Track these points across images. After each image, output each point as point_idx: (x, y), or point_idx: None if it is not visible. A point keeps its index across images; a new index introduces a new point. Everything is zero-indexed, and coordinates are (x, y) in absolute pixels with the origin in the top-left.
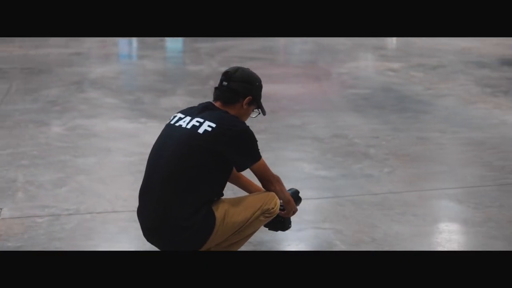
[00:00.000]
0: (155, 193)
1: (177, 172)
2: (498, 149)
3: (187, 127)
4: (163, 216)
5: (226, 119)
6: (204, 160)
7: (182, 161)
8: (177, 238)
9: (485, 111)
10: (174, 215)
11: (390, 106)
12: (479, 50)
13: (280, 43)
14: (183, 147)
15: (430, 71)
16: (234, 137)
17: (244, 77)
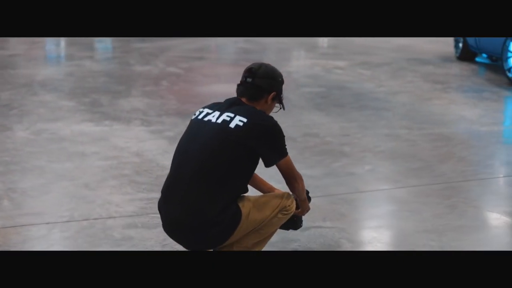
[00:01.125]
0: (183, 187)
1: (208, 166)
2: (467, 144)
3: (217, 121)
4: (191, 210)
5: (256, 114)
6: (235, 155)
7: (214, 156)
8: (203, 233)
9: (442, 107)
10: (204, 209)
11: (349, 104)
12: (417, 48)
13: (220, 42)
14: (215, 142)
15: (377, 68)
16: (265, 131)
17: (269, 73)
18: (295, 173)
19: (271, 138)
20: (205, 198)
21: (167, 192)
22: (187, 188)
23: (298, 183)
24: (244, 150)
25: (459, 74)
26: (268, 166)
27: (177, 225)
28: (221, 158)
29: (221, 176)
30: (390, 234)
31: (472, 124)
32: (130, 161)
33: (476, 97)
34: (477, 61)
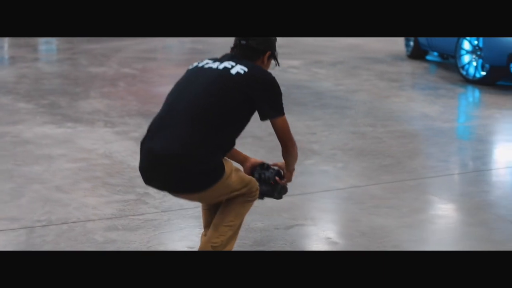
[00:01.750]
0: (175, 124)
1: (204, 108)
2: (432, 141)
3: (218, 67)
4: (180, 145)
5: (257, 67)
6: (233, 101)
7: (211, 98)
8: (185, 170)
9: (402, 105)
10: (193, 147)
11: (311, 103)
12: (366, 47)
13: (169, 43)
14: (214, 85)
15: (331, 67)
16: (265, 84)
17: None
18: (291, 136)
19: (270, 91)
20: (196, 137)
21: (155, 128)
22: (179, 125)
23: (294, 148)
24: (242, 98)
25: (412, 72)
26: (263, 120)
27: (160, 159)
28: (219, 102)
29: (215, 120)
30: (373, 230)
31: (434, 121)
32: (100, 163)
33: (433, 94)
34: (428, 59)
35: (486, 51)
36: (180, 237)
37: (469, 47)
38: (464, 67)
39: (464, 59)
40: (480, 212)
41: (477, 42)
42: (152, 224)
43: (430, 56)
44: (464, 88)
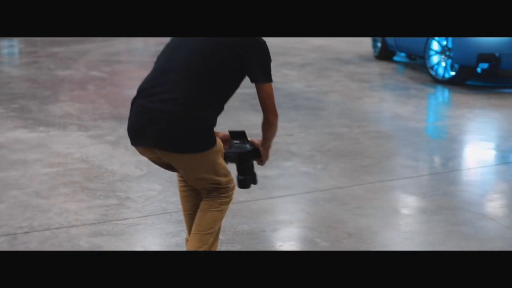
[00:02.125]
0: (170, 81)
1: (198, 66)
2: (408, 141)
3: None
4: (177, 102)
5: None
6: (226, 61)
7: (204, 58)
8: (180, 129)
9: (375, 105)
10: (190, 105)
11: (284, 104)
12: (333, 48)
13: (133, 46)
14: (206, 45)
15: (301, 68)
16: (258, 47)
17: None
18: (275, 105)
19: (261, 53)
20: (191, 97)
21: (148, 87)
22: (174, 84)
23: (276, 119)
24: (234, 57)
25: (381, 73)
26: (253, 82)
27: (155, 115)
28: (211, 62)
29: (208, 81)
30: (360, 231)
31: (408, 121)
32: (77, 168)
33: (404, 95)
34: (395, 60)
35: (456, 51)
36: (166, 241)
37: (438, 48)
38: (433, 67)
39: (433, 60)
40: (463, 211)
41: (446, 43)
42: (137, 229)
43: (397, 57)
44: (434, 88)
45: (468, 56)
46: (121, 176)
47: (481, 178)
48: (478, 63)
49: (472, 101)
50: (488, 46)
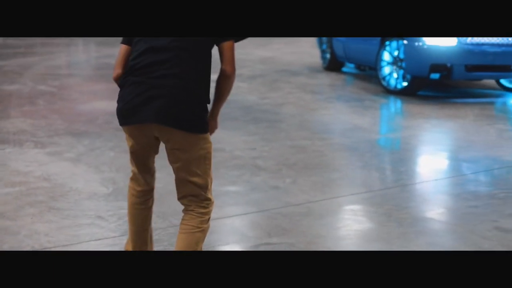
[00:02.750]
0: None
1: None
2: (373, 152)
3: None
4: (176, 76)
5: None
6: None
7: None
8: (182, 103)
9: (332, 117)
10: (189, 78)
11: (241, 117)
12: (280, 59)
13: (78, 59)
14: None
15: (252, 80)
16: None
17: None
18: (234, 60)
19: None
20: (189, 70)
21: (142, 65)
22: (169, 59)
23: (233, 71)
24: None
25: (332, 84)
26: (220, 42)
27: (152, 89)
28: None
29: (199, 55)
30: (340, 246)
31: (368, 133)
32: (40, 187)
33: (359, 106)
34: (344, 71)
35: (408, 62)
36: None
37: (390, 59)
38: (385, 78)
39: (384, 71)
40: (439, 223)
41: (397, 53)
42: (113, 250)
43: (346, 68)
44: (388, 99)
45: (420, 67)
46: (87, 195)
47: (453, 189)
48: (430, 73)
49: (427, 111)
50: (440, 57)
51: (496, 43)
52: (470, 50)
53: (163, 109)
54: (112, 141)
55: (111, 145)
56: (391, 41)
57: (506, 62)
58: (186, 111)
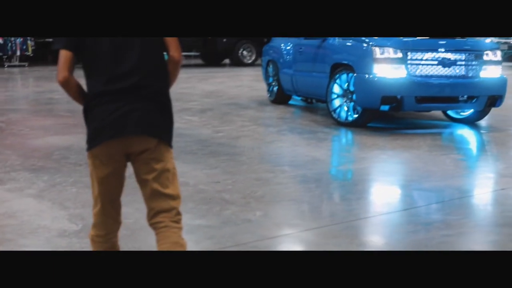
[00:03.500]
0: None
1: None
2: (336, 184)
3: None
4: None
5: None
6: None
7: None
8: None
9: (289, 149)
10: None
11: (199, 151)
12: (225, 93)
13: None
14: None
15: (202, 114)
16: None
17: None
18: (179, 47)
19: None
20: (157, 81)
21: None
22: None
23: (181, 58)
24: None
25: (282, 117)
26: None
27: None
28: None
29: (160, 66)
30: None
31: (328, 164)
32: (7, 224)
33: (313, 138)
34: (291, 104)
35: (359, 94)
36: None
37: (340, 91)
38: (335, 110)
39: (335, 103)
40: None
41: (347, 86)
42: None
43: (292, 101)
44: (340, 131)
45: (371, 99)
46: (57, 232)
47: (420, 218)
48: (381, 105)
49: (381, 143)
50: (391, 89)
51: (444, 75)
52: (420, 82)
53: (142, 120)
54: (72, 177)
55: (72, 180)
56: (341, 74)
57: (454, 94)
58: (161, 122)
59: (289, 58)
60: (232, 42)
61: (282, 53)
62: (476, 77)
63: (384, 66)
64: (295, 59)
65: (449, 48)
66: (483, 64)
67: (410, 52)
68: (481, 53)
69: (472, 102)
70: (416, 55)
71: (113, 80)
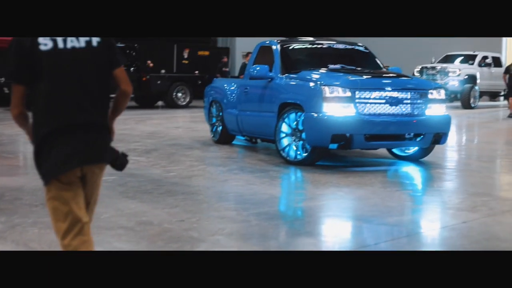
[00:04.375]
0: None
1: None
2: (302, 221)
3: (81, 45)
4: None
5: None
6: (104, 66)
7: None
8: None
9: (244, 188)
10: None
11: (155, 190)
12: (166, 134)
13: None
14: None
15: (149, 155)
16: (113, 42)
17: None
18: (128, 79)
19: (116, 47)
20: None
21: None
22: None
23: (131, 88)
24: (107, 61)
25: (229, 156)
26: (115, 68)
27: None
28: (99, 75)
29: (103, 89)
30: None
31: (290, 201)
32: None
33: (266, 177)
34: (235, 144)
35: (308, 132)
36: None
37: (288, 130)
38: (284, 149)
39: (283, 142)
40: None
41: (296, 125)
42: None
43: (235, 141)
44: (291, 169)
45: (321, 137)
46: None
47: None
48: (331, 143)
49: (334, 180)
50: (340, 127)
51: (391, 113)
52: (369, 120)
53: (98, 148)
54: (30, 218)
55: (31, 221)
56: (289, 113)
57: (401, 131)
58: (106, 146)
59: (234, 98)
60: (166, 84)
61: (226, 94)
62: (422, 115)
63: (334, 105)
64: (240, 99)
65: (395, 87)
66: (428, 103)
67: (358, 91)
68: (426, 92)
69: (418, 139)
70: (364, 94)
71: (68, 113)
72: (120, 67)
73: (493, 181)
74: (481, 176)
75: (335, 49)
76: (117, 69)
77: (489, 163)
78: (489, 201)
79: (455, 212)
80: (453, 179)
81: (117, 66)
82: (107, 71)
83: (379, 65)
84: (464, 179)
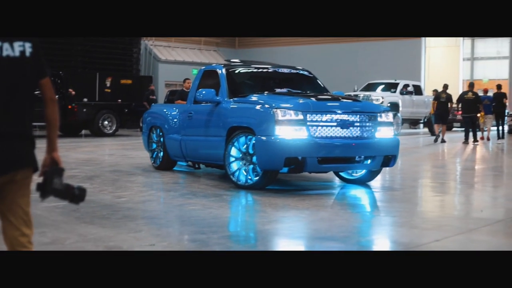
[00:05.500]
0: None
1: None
2: (268, 245)
3: (16, 55)
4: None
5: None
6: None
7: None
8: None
9: (206, 212)
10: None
11: (112, 216)
12: (102, 161)
13: None
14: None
15: (91, 181)
16: (42, 52)
17: None
18: (53, 93)
19: (44, 57)
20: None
21: None
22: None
23: (56, 104)
24: (36, 70)
25: (176, 182)
26: (42, 78)
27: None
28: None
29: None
30: None
31: (257, 225)
32: None
33: (221, 201)
34: (176, 170)
35: (260, 156)
36: None
37: (237, 154)
38: (234, 173)
39: (233, 166)
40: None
41: (246, 148)
42: None
43: (176, 167)
44: (242, 193)
45: (274, 161)
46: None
47: None
48: (285, 167)
49: (292, 203)
50: (293, 150)
51: (342, 136)
52: (321, 143)
53: (19, 155)
54: None
55: None
56: (239, 137)
57: (353, 154)
58: (30, 150)
59: (176, 123)
60: (92, 112)
61: (167, 119)
62: (372, 137)
63: (286, 128)
64: (183, 124)
65: (345, 110)
66: (377, 126)
67: (310, 114)
68: (375, 115)
69: (369, 162)
70: (316, 117)
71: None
72: (47, 77)
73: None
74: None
75: (280, 73)
76: (44, 79)
77: (430, 184)
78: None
79: (422, 231)
80: (408, 200)
81: (45, 76)
82: (36, 81)
83: (324, 89)
84: (416, 199)
